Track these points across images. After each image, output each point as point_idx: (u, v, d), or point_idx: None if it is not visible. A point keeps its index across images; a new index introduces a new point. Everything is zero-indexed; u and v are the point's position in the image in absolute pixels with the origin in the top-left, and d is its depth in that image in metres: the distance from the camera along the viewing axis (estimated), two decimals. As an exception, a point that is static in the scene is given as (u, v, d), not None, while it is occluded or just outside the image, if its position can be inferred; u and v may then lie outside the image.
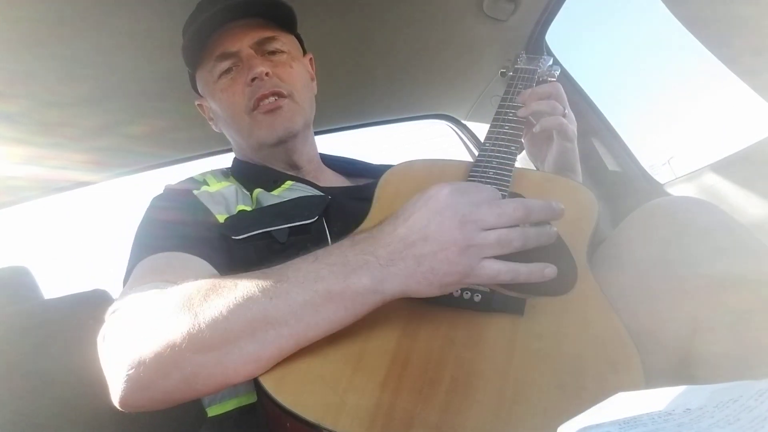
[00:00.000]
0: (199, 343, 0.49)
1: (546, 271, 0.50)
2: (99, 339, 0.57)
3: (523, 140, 0.85)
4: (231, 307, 0.49)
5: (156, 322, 0.51)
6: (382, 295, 0.49)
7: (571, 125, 0.82)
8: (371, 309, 0.50)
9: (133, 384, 0.51)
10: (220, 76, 0.83)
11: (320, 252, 0.52)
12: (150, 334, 0.51)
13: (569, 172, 0.86)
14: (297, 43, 0.91)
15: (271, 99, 0.80)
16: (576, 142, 0.84)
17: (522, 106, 0.81)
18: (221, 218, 0.74)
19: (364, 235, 0.52)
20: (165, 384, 0.50)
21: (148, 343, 0.50)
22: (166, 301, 0.53)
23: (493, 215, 0.49)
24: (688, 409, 0.28)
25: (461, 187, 0.51)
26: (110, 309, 0.59)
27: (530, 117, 0.82)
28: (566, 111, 0.82)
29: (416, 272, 0.48)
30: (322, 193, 0.80)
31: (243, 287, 0.50)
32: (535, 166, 0.91)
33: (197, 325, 0.49)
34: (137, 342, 0.51)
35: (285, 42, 0.86)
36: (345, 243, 0.52)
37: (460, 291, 0.55)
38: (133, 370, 0.50)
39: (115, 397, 0.52)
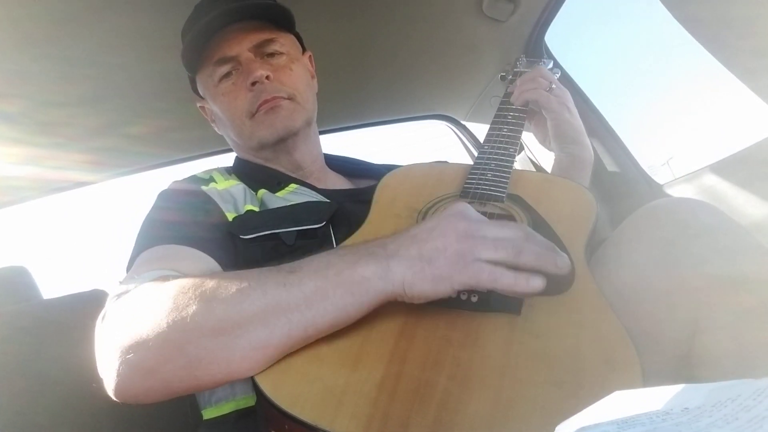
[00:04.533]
0: (208, 326, 0.49)
1: (531, 281, 0.49)
2: (98, 320, 0.56)
3: (531, 126, 0.91)
4: (245, 292, 0.50)
5: (162, 304, 0.50)
6: (384, 283, 0.51)
7: (557, 98, 0.85)
8: (375, 299, 0.51)
9: (132, 368, 0.49)
10: (221, 80, 0.83)
11: (335, 249, 0.56)
12: (155, 314, 0.50)
13: (571, 144, 0.86)
14: (296, 42, 0.91)
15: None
16: (569, 113, 0.86)
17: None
18: (230, 216, 0.74)
19: (379, 237, 0.56)
20: (165, 370, 0.49)
21: (151, 323, 0.49)
22: (175, 285, 0.52)
23: (496, 229, 0.52)
24: (686, 408, 0.27)
25: (474, 209, 0.56)
26: (113, 293, 0.58)
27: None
28: (552, 86, 0.86)
29: (416, 264, 0.50)
30: (328, 200, 0.80)
31: (257, 276, 0.52)
32: (545, 147, 0.93)
33: (208, 309, 0.49)
34: (140, 323, 0.50)
35: (284, 43, 0.85)
36: (359, 242, 0.56)
37: (457, 292, 0.55)
38: (133, 354, 0.49)
39: (110, 384, 0.51)
